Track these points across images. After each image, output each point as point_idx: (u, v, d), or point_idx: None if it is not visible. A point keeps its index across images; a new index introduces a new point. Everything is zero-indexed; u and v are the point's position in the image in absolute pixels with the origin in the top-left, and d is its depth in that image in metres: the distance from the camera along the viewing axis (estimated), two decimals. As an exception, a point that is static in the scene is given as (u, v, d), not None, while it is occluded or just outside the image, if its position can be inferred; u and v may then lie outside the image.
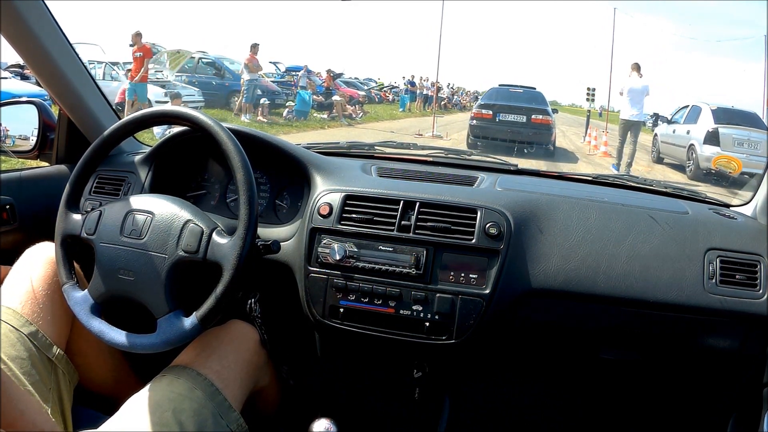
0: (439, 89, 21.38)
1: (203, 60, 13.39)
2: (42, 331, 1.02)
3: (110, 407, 0.99)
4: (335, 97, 13.74)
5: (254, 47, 11.14)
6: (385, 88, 22.00)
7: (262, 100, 11.55)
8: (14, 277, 1.09)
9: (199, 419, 0.93)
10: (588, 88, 14.47)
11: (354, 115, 14.01)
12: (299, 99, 12.42)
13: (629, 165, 8.07)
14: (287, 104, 12.35)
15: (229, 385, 1.02)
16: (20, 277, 1.08)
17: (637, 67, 7.91)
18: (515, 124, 9.18)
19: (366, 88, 20.18)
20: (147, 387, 0.97)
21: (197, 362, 1.02)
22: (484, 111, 9.54)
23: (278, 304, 1.32)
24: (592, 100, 14.93)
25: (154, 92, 10.28)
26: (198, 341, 1.08)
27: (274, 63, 18.23)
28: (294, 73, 15.36)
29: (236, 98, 11.97)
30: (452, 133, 12.70)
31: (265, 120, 11.26)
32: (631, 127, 7.92)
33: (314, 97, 13.42)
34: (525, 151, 8.84)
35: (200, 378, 0.99)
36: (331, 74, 14.86)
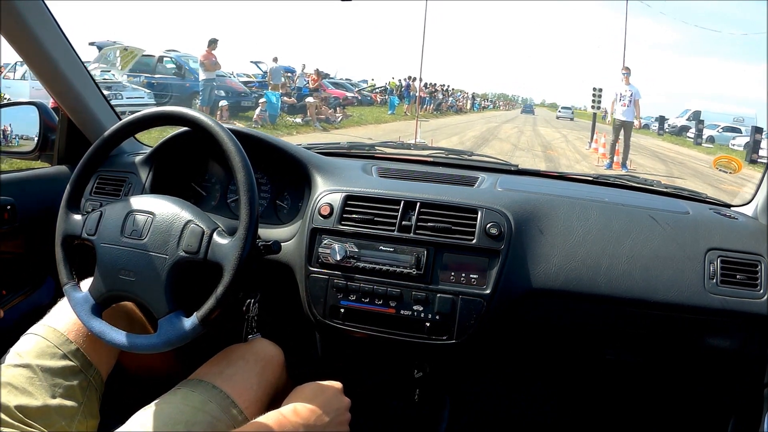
0: (434, 92, 20.72)
1: (165, 59, 11.86)
2: (84, 351, 1.03)
3: (144, 393, 1.00)
4: (308, 99, 12.00)
5: (212, 43, 9.63)
6: (376, 90, 20.44)
7: (221, 103, 10.10)
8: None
9: None
10: (594, 89, 12.78)
11: (331, 119, 12.47)
12: (267, 100, 10.95)
13: (624, 163, 9.25)
14: (261, 102, 10.89)
15: (250, 406, 1.01)
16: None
17: (627, 73, 9.32)
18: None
19: (356, 89, 18.66)
20: (161, 399, 0.96)
21: (216, 376, 1.01)
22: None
23: (279, 305, 1.32)
24: (599, 102, 13.05)
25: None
26: (222, 357, 1.07)
27: (256, 63, 15.90)
28: (285, 74, 13.46)
29: (197, 99, 10.30)
30: (440, 139, 10.92)
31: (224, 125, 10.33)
32: (623, 127, 9.18)
33: (284, 99, 11.76)
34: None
35: (215, 391, 0.98)
36: (320, 74, 13.30)
